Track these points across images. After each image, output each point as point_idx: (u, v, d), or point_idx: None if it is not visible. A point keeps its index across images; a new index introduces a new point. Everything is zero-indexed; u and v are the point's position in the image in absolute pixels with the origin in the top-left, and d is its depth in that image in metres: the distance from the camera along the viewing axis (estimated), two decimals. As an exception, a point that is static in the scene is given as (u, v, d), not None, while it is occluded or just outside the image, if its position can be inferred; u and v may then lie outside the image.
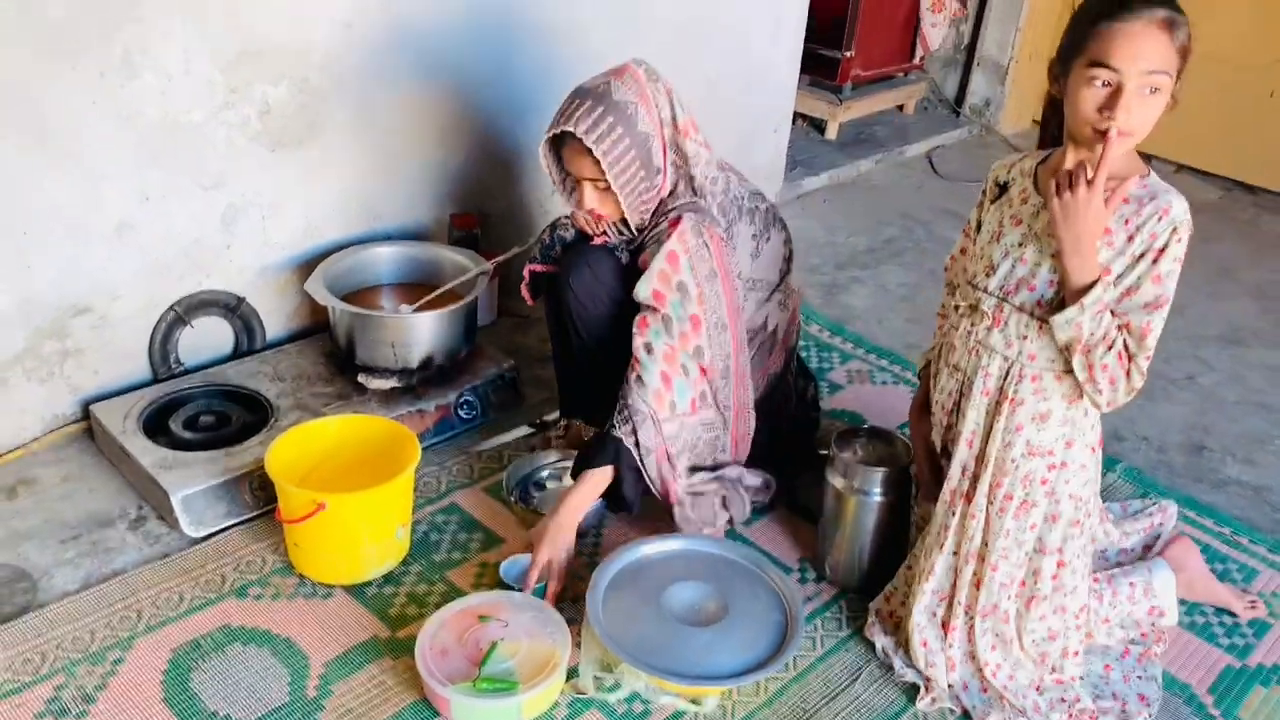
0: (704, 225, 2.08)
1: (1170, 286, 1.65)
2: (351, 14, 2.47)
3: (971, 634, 1.86)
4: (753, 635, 1.83)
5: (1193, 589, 2.09)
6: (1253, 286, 3.51)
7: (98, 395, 2.38)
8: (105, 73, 2.15)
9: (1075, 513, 1.80)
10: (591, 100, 2.01)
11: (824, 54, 4.28)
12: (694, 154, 2.12)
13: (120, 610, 1.94)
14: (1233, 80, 4.14)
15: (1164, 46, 1.55)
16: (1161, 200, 1.63)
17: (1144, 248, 1.63)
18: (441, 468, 2.37)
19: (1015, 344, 1.76)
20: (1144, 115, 1.59)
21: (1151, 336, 1.65)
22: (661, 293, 2.04)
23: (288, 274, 2.61)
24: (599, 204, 2.09)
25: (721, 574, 1.95)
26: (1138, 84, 1.56)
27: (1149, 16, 1.55)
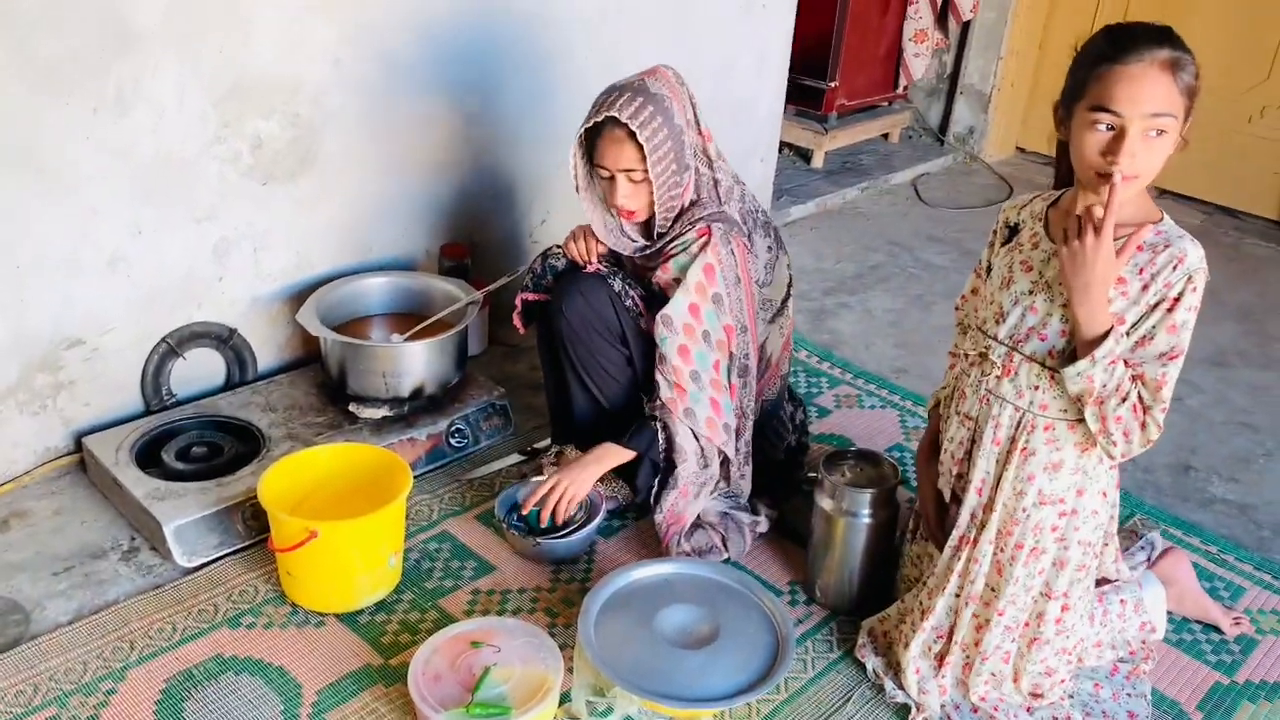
0: (731, 234, 2.11)
1: (1185, 337, 1.62)
2: (340, 49, 2.50)
3: (967, 670, 1.87)
4: (744, 657, 1.84)
5: (1182, 603, 2.10)
6: (1236, 309, 3.55)
7: (90, 427, 2.40)
8: (99, 108, 2.18)
9: (1083, 558, 1.80)
10: (631, 92, 2.03)
11: (809, 84, 4.34)
12: (716, 159, 2.16)
13: (113, 641, 1.94)
14: (1213, 107, 4.16)
15: (1167, 88, 1.52)
16: (1176, 248, 1.60)
17: (1159, 297, 1.60)
18: (433, 496, 2.38)
19: (1027, 394, 1.74)
20: (1149, 158, 1.56)
21: (1167, 388, 1.62)
22: (698, 306, 2.07)
23: (279, 305, 2.63)
24: (631, 198, 2.09)
25: (713, 597, 1.96)
26: (1141, 127, 1.53)
27: (1150, 58, 1.51)
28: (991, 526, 1.80)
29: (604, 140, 2.06)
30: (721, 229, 2.10)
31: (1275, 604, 2.21)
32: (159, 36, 2.21)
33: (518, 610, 2.08)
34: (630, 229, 2.19)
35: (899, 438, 2.71)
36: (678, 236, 2.12)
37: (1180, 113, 1.55)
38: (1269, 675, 2.03)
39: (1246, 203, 4.28)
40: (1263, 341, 3.35)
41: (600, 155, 2.08)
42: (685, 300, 2.08)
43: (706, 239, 2.08)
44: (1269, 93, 4.11)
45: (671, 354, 2.09)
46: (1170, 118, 1.53)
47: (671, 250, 2.13)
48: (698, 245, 2.09)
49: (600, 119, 2.03)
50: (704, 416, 2.11)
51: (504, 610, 2.08)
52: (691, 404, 2.10)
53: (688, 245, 2.10)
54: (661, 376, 2.10)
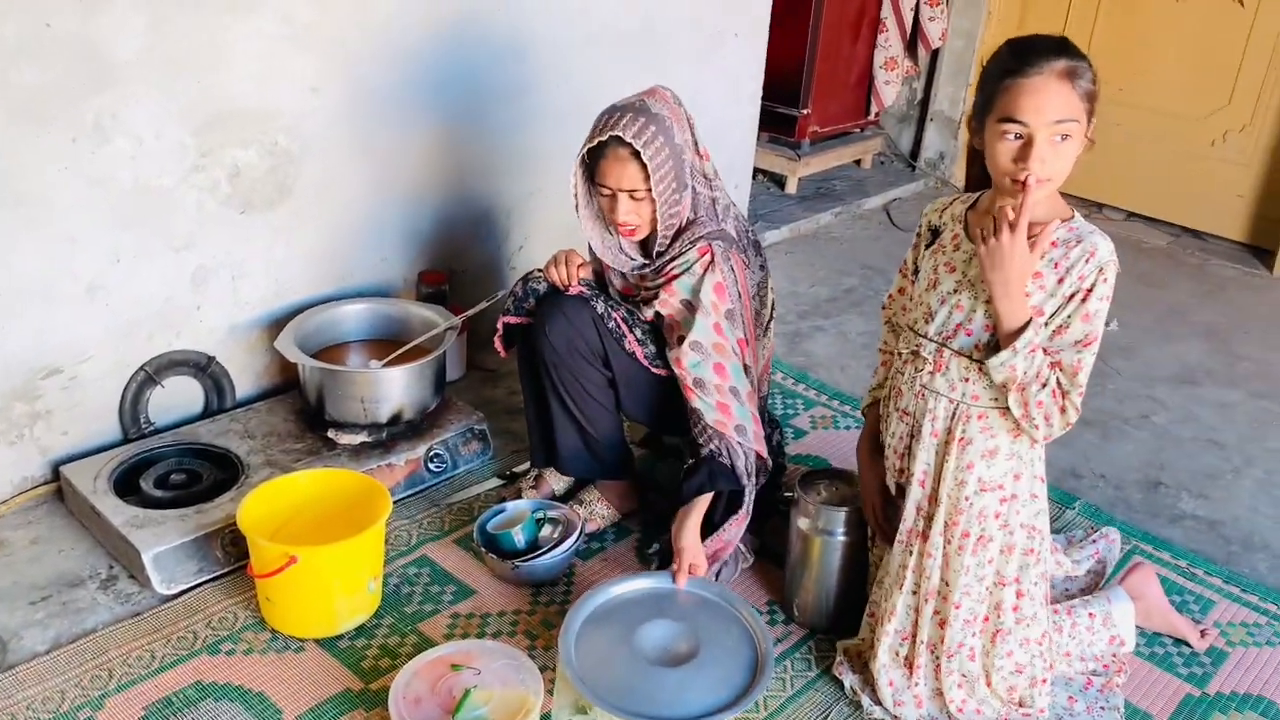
0: (730, 251, 2.15)
1: (1098, 325, 1.71)
2: (317, 79, 2.53)
3: (938, 672, 1.89)
4: (724, 673, 1.86)
5: (1150, 618, 2.13)
6: (1203, 328, 3.62)
7: (67, 456, 2.39)
8: (77, 138, 2.20)
9: (1029, 542, 1.85)
10: (633, 112, 2.06)
11: (782, 112, 4.40)
12: (714, 179, 2.20)
13: (91, 670, 1.94)
14: (1177, 131, 4.29)
15: (1066, 95, 1.62)
16: (1088, 243, 1.70)
17: (1074, 289, 1.70)
18: (412, 521, 2.39)
19: (959, 386, 1.82)
20: (1057, 162, 1.66)
21: (1083, 373, 1.72)
22: (720, 325, 2.11)
23: (258, 333, 2.64)
24: (632, 215, 2.11)
25: (692, 612, 1.98)
26: (1047, 134, 1.63)
27: (1049, 69, 1.61)
28: (939, 518, 1.85)
29: (607, 160, 2.08)
30: (721, 247, 2.13)
31: (1244, 617, 2.25)
32: (137, 68, 2.23)
33: (498, 633, 2.09)
34: (629, 247, 2.22)
35: (874, 458, 2.74)
36: (678, 256, 2.14)
37: (1082, 117, 1.65)
38: (1239, 687, 2.06)
39: (1212, 225, 4.36)
40: (1229, 360, 3.41)
41: (602, 175, 2.10)
42: (708, 321, 2.11)
43: (709, 258, 2.12)
44: (1231, 118, 4.20)
45: (710, 375, 2.11)
46: (1073, 122, 1.64)
47: (674, 270, 2.15)
48: (700, 265, 2.12)
49: (604, 139, 2.05)
50: (752, 431, 2.14)
51: (484, 633, 2.08)
52: (741, 420, 2.13)
53: (690, 265, 2.13)
54: (701, 401, 2.11)
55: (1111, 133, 4.29)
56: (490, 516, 2.29)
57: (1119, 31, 4.34)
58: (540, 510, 2.30)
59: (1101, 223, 4.47)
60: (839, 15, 4.37)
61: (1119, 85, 4.35)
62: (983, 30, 4.57)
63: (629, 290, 2.29)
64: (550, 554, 2.18)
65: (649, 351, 2.25)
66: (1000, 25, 4.56)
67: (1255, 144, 4.17)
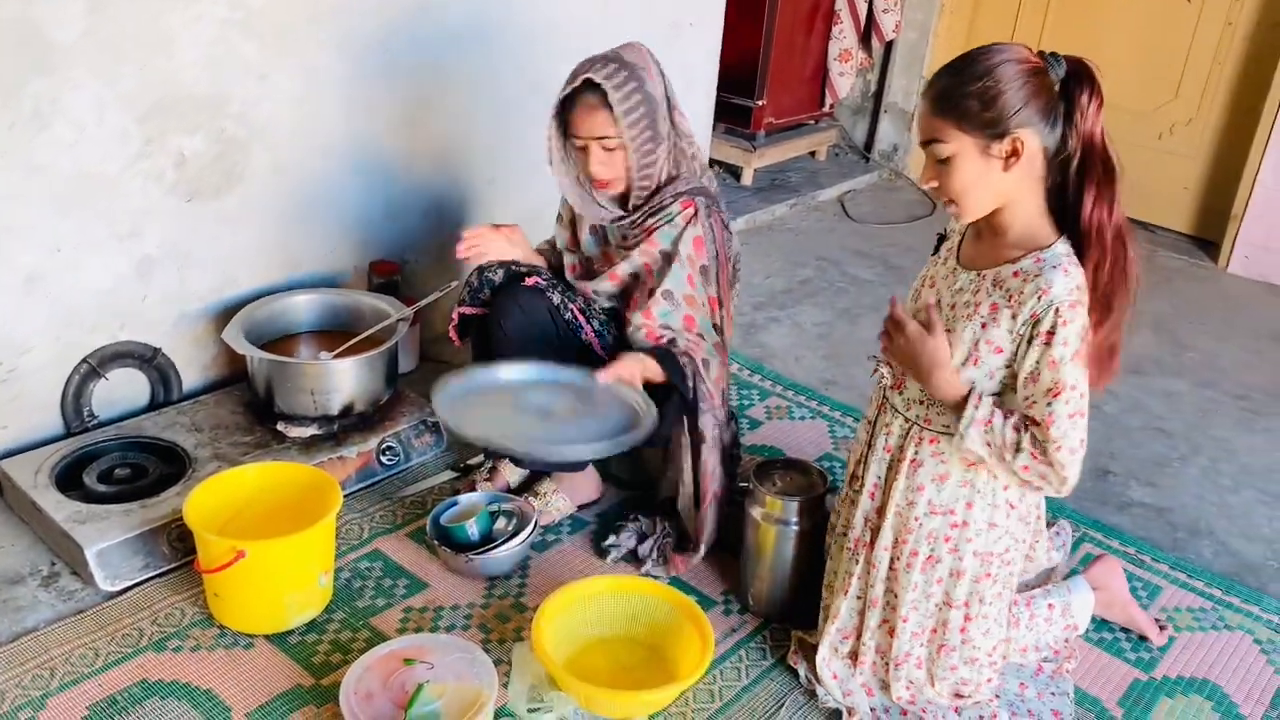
0: (712, 208, 2.15)
1: (1068, 373, 1.60)
2: (266, 65, 2.48)
3: (886, 671, 1.90)
4: (606, 427, 1.94)
5: (1110, 609, 2.14)
6: (1151, 318, 3.67)
7: (7, 451, 2.33)
8: (14, 124, 2.14)
9: (980, 570, 1.81)
10: (603, 60, 2.07)
11: (737, 103, 4.40)
12: (690, 135, 2.19)
13: (32, 669, 1.89)
14: (1125, 125, 4.34)
15: (929, 120, 1.64)
16: (1044, 279, 1.61)
17: (1027, 329, 1.62)
18: (364, 514, 2.36)
19: (914, 407, 1.80)
20: (949, 182, 1.64)
21: (1055, 427, 1.61)
22: (693, 277, 2.12)
23: (205, 324, 2.59)
24: (605, 166, 2.11)
25: (578, 389, 2.05)
26: (929, 157, 1.66)
27: (925, 96, 1.66)
28: (886, 532, 1.84)
29: (579, 109, 2.09)
30: (704, 203, 2.14)
31: (1190, 602, 2.29)
32: (78, 52, 2.18)
33: (451, 627, 2.07)
34: (604, 199, 2.20)
35: (828, 447, 2.75)
36: (659, 209, 2.15)
37: (956, 138, 1.61)
38: (1185, 670, 2.09)
39: (1159, 216, 4.43)
40: (1176, 350, 3.47)
41: (575, 125, 2.11)
42: (683, 272, 2.12)
43: (692, 211, 2.11)
44: (1177, 111, 4.27)
45: (678, 324, 2.13)
46: (940, 144, 1.63)
47: (655, 224, 2.15)
48: (682, 218, 2.12)
49: (577, 84, 2.06)
50: (715, 374, 2.17)
51: (437, 627, 2.06)
52: (708, 356, 2.16)
53: (672, 217, 2.13)
54: (672, 336, 2.13)
55: (1062, 126, 4.34)
56: (444, 509, 2.27)
57: (1069, 25, 4.39)
58: (494, 503, 2.28)
59: (1052, 215, 4.53)
60: (794, 7, 4.38)
61: (1069, 79, 4.39)
62: (936, 23, 4.59)
63: (608, 255, 2.27)
64: (504, 547, 2.16)
65: (605, 344, 2.24)
66: (953, 18, 4.59)
67: (1201, 137, 4.25)
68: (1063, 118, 1.61)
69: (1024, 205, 1.67)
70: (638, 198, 2.16)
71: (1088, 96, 1.60)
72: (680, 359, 2.12)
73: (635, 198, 2.16)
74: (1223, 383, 3.28)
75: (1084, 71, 1.61)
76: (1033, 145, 1.61)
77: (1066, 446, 1.63)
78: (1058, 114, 1.60)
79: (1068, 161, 1.63)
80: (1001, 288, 1.66)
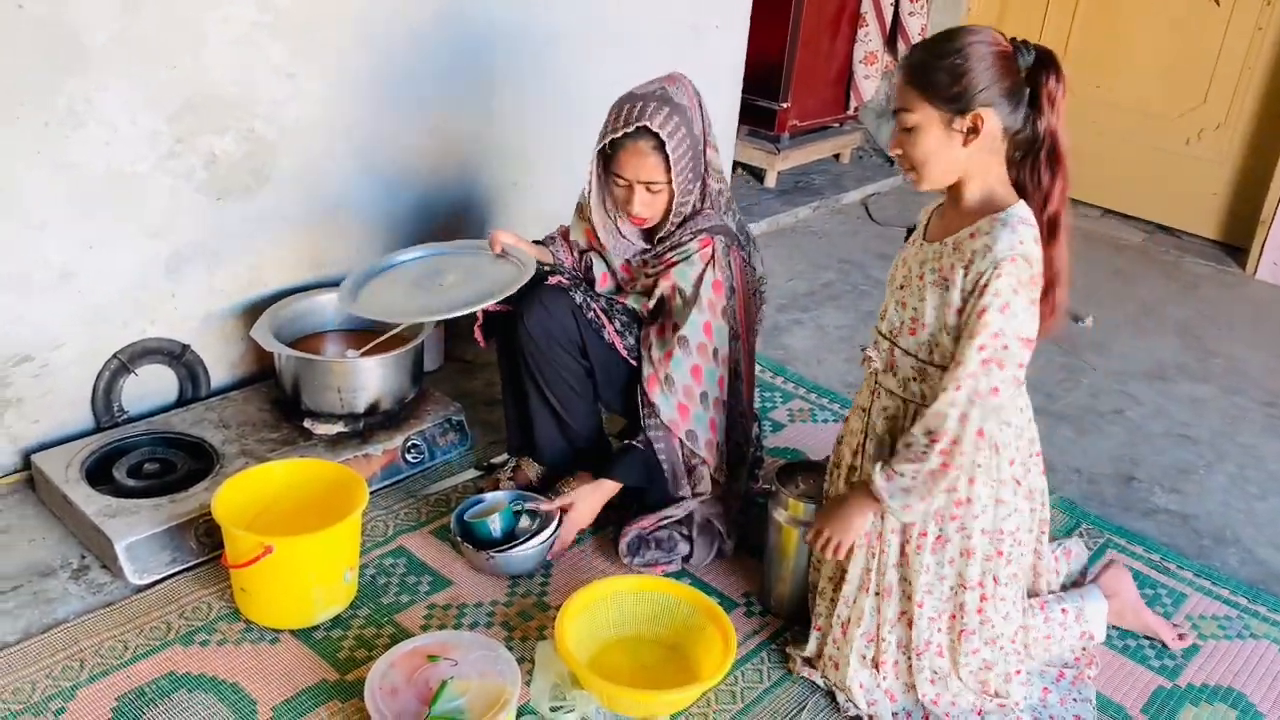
0: (731, 246, 2.16)
1: (992, 319, 1.65)
2: (294, 66, 2.51)
3: (910, 669, 1.90)
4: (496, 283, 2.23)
5: (1123, 616, 2.14)
6: (1176, 324, 3.65)
7: (39, 445, 2.36)
8: (49, 123, 2.17)
9: (989, 548, 1.83)
10: (657, 101, 2.06)
11: (761, 105, 4.41)
12: (720, 168, 2.20)
13: (62, 660, 1.92)
14: (1153, 130, 4.33)
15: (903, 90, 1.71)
16: (990, 238, 1.67)
17: (972, 284, 1.68)
18: (388, 511, 2.38)
19: (909, 385, 1.82)
20: (911, 150, 1.72)
21: (963, 367, 1.67)
22: (711, 324, 2.13)
23: (233, 321, 2.61)
24: (646, 208, 2.13)
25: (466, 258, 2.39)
26: (898, 124, 1.74)
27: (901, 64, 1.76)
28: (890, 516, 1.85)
29: (628, 151, 2.08)
30: (723, 242, 2.14)
31: (1215, 610, 2.27)
32: (110, 53, 2.20)
33: (474, 624, 2.08)
34: (631, 233, 2.22)
35: (851, 451, 2.75)
36: (678, 245, 2.15)
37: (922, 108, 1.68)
38: (1210, 679, 2.08)
39: (1186, 222, 4.40)
40: (1201, 356, 3.45)
41: (620, 165, 2.10)
42: (701, 319, 2.11)
43: (710, 251, 2.12)
44: (1205, 116, 4.24)
45: (684, 376, 2.13)
46: (907, 113, 1.71)
47: (673, 258, 2.15)
48: (700, 257, 2.12)
49: (629, 130, 2.04)
50: (704, 439, 2.15)
51: (460, 624, 2.08)
52: (694, 425, 2.15)
53: (689, 254, 2.13)
54: (662, 397, 2.13)
55: (1087, 130, 4.33)
56: (468, 506, 2.28)
57: (1096, 29, 4.37)
58: (518, 501, 2.29)
59: (1076, 219, 4.48)
60: (819, 9, 4.38)
61: (1096, 83, 4.38)
62: (962, 26, 4.58)
63: (629, 274, 2.29)
64: (525, 546, 2.17)
65: (628, 343, 2.24)
66: (979, 21, 4.57)
67: (1230, 142, 4.22)
68: (1027, 102, 1.68)
69: (981, 178, 1.74)
70: (667, 230, 2.17)
71: (1055, 82, 1.68)
72: (644, 457, 2.17)
73: (664, 231, 2.17)
74: (1250, 389, 3.26)
75: (1050, 61, 1.69)
76: (993, 123, 1.68)
77: (970, 388, 1.67)
78: (1022, 98, 1.68)
79: (1026, 142, 1.72)
80: (959, 249, 1.72)
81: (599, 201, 2.21)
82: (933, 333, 1.76)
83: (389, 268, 2.45)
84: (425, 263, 2.44)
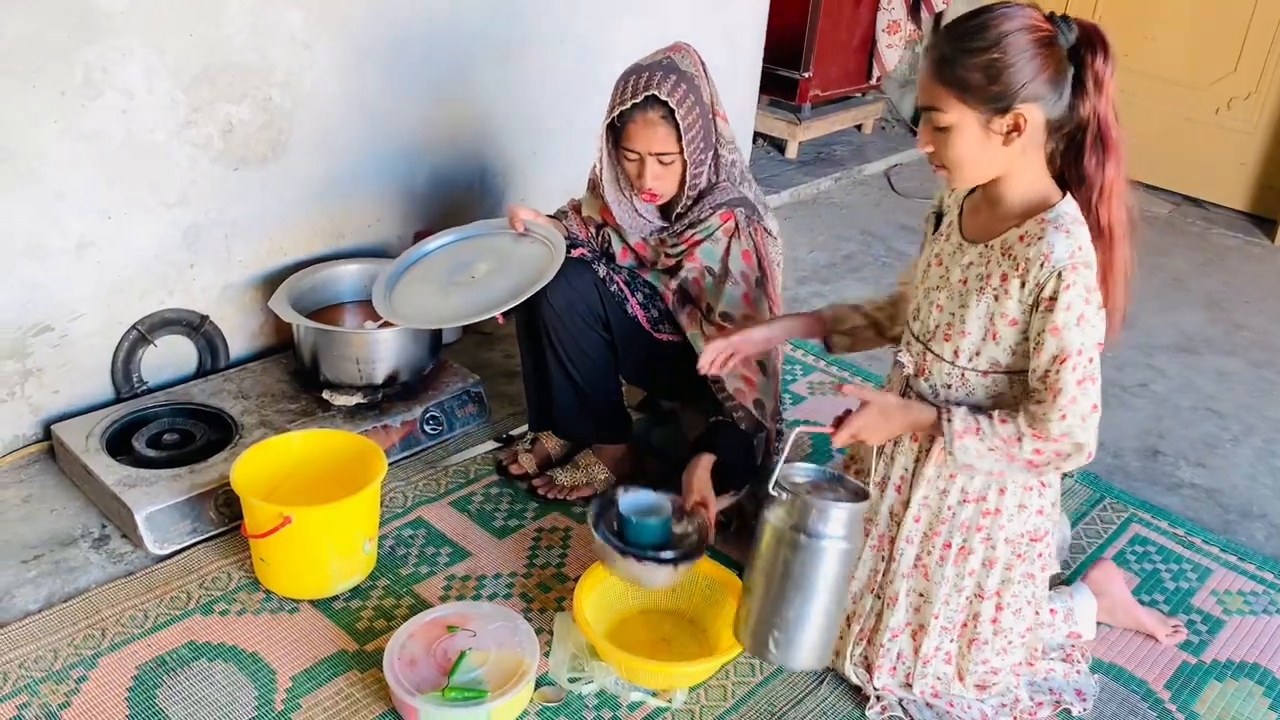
0: (752, 218, 2.12)
1: (1073, 338, 1.54)
2: (311, 35, 2.48)
3: (910, 676, 1.85)
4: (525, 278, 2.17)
5: (1114, 614, 2.08)
6: (1203, 296, 3.60)
7: (59, 415, 2.37)
8: (66, 91, 2.15)
9: (1011, 556, 1.77)
10: (663, 70, 2.01)
11: (783, 75, 4.36)
12: (731, 138, 2.15)
13: (84, 629, 1.93)
14: (1180, 99, 4.25)
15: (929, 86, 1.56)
16: (1045, 243, 1.54)
17: (1033, 297, 1.57)
18: (407, 483, 2.38)
19: (941, 392, 1.72)
20: (945, 150, 1.58)
21: (1063, 394, 1.55)
22: (749, 294, 2.09)
23: (251, 292, 2.61)
24: (659, 181, 2.08)
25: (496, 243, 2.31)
26: (927, 121, 1.60)
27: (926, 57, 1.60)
28: (909, 523, 1.79)
29: (637, 124, 2.03)
30: (744, 214, 2.11)
31: (1241, 585, 2.24)
32: (127, 20, 2.19)
33: (493, 596, 2.08)
34: (647, 210, 2.18)
35: (872, 424, 2.72)
36: (699, 221, 2.11)
37: (955, 108, 1.55)
38: (1235, 654, 2.06)
39: (1214, 193, 4.33)
40: (1229, 329, 3.40)
41: (630, 138, 2.04)
42: (737, 292, 2.08)
43: (733, 224, 2.08)
44: (1236, 85, 4.16)
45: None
46: (938, 112, 1.56)
47: (695, 236, 2.11)
48: (723, 232, 2.09)
49: (638, 100, 1.99)
50: (770, 409, 2.09)
51: (479, 596, 2.07)
52: (761, 394, 2.09)
53: (712, 231, 2.10)
54: (729, 375, 2.05)
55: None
56: (608, 501, 1.96)
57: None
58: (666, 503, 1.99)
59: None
60: (842, -23, 4.32)
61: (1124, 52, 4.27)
62: (987, -6, 4.50)
63: (646, 257, 2.26)
64: (689, 561, 1.88)
65: (651, 316, 2.23)
66: (1005, -11, 4.50)
67: (1260, 112, 4.14)
68: (1070, 86, 1.55)
69: (1023, 174, 1.61)
70: (683, 206, 2.13)
71: (1102, 61, 1.53)
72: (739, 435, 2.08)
73: (681, 206, 2.13)
74: (1278, 362, 3.21)
75: (1096, 37, 1.54)
76: (1036, 119, 1.55)
77: (1076, 413, 1.56)
78: (1065, 83, 1.54)
79: (1070, 128, 1.58)
80: (1010, 255, 1.59)
81: (612, 179, 2.16)
82: (975, 340, 1.65)
83: (416, 261, 2.38)
84: (451, 251, 2.37)
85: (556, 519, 2.29)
